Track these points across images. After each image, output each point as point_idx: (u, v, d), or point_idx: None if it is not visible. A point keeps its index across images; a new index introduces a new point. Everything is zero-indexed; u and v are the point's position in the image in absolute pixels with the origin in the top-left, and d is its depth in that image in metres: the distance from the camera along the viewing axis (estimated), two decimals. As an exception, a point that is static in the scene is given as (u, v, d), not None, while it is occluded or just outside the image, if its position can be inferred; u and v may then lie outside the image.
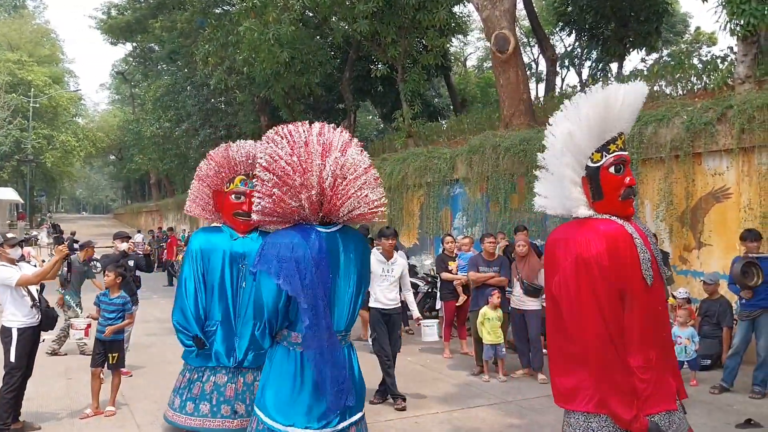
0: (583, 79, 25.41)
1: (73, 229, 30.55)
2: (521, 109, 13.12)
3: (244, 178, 4.65)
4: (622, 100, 3.23)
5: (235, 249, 4.60)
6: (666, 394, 3.13)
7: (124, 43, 39.00)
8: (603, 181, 3.24)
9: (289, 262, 3.04)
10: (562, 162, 3.28)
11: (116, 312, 6.03)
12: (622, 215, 3.26)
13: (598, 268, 3.05)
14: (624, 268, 3.09)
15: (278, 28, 16.12)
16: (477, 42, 38.66)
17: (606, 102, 3.21)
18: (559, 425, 5.71)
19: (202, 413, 4.41)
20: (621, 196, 3.24)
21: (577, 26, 21.16)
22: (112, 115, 62.11)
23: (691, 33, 29.02)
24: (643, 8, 18.55)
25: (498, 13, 13.19)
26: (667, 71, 12.82)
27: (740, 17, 9.03)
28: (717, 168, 8.49)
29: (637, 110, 3.38)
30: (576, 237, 3.17)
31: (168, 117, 31.15)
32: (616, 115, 3.24)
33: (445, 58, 20.84)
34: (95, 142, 50.01)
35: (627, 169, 3.27)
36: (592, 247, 3.09)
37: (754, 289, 6.32)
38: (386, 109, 23.93)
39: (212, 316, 4.58)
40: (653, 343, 3.15)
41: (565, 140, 3.27)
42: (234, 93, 24.01)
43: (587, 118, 3.22)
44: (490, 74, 27.61)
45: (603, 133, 3.25)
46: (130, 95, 52.79)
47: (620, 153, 3.26)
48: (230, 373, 4.48)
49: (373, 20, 15.87)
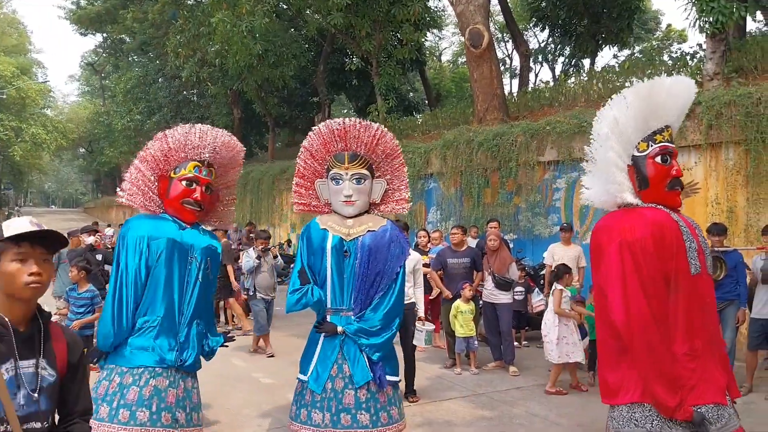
0: (555, 74, 25.62)
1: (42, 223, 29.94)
2: (495, 104, 13.19)
3: (198, 164, 4.22)
4: (667, 91, 3.29)
5: (184, 240, 4.14)
6: (714, 386, 3.08)
7: (94, 33, 38.32)
8: (649, 171, 3.30)
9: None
10: (607, 146, 3.35)
11: (85, 306, 5.95)
12: (668, 205, 3.30)
13: (642, 252, 3.08)
14: (669, 254, 3.11)
15: (251, 19, 16.00)
16: (452, 37, 38.87)
17: (651, 91, 3.27)
18: (528, 418, 5.78)
19: (139, 422, 3.84)
20: (667, 186, 3.29)
21: (551, 22, 21.33)
22: (82, 107, 61.01)
23: (662, 30, 29.43)
24: (616, 5, 18.76)
25: (472, 8, 13.23)
26: (638, 67, 13.01)
27: (709, 15, 9.18)
28: (685, 163, 8.63)
29: (685, 105, 3.44)
30: (620, 223, 3.20)
31: (139, 109, 30.73)
32: (662, 105, 3.30)
33: (419, 52, 20.87)
34: (65, 134, 49.13)
35: (674, 161, 3.31)
36: (637, 232, 3.11)
37: (718, 282, 6.44)
38: (361, 103, 23.89)
39: (154, 310, 4.08)
40: (699, 332, 3.13)
41: (611, 126, 3.33)
42: (206, 85, 23.76)
43: (632, 107, 3.29)
44: (464, 69, 27.68)
45: (648, 122, 3.31)
46: (100, 87, 51.96)
47: (666, 144, 3.31)
48: (171, 376, 3.99)
49: (347, 13, 15.81)
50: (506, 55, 32.93)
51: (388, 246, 4.76)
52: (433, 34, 30.99)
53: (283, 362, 7.88)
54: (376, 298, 4.70)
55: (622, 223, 3.20)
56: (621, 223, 3.21)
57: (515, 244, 10.72)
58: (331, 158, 4.85)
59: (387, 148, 4.88)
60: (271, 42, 17.88)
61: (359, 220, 4.87)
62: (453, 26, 34.17)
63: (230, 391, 6.61)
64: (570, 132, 10.10)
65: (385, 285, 4.71)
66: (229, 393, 6.53)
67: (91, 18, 34.17)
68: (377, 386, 4.51)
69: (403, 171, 4.98)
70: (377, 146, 4.84)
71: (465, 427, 5.56)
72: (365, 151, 4.86)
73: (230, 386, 6.78)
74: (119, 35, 36.45)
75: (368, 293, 4.70)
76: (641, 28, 26.33)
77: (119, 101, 34.28)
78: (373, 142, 4.85)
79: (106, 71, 46.16)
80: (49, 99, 54.65)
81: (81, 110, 59.69)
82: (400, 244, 4.77)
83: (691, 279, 3.13)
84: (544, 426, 5.59)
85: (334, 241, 4.79)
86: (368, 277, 4.72)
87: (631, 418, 3.07)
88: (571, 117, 10.44)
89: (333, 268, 4.71)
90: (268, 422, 5.65)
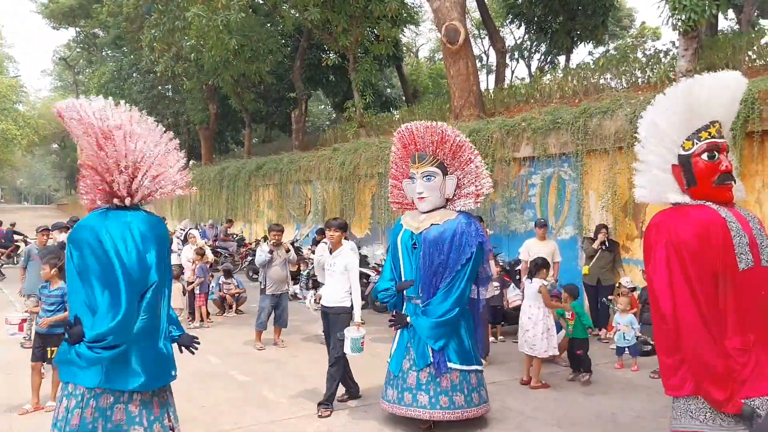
0: (531, 71, 25.78)
1: (14, 219, 29.43)
2: (471, 101, 13.23)
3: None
4: (708, 89, 3.30)
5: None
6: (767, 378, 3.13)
7: (67, 28, 37.69)
8: (695, 168, 3.32)
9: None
10: (647, 149, 3.45)
11: (56, 304, 5.84)
12: (718, 201, 3.32)
13: (688, 252, 3.13)
14: (715, 253, 3.13)
15: (227, 14, 15.86)
16: (429, 33, 38.91)
17: (689, 91, 3.30)
18: (504, 412, 5.82)
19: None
20: (715, 181, 3.31)
21: (527, 19, 21.47)
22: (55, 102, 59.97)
23: (636, 27, 29.74)
24: (590, 2, 18.94)
25: (448, 5, 13.25)
26: (612, 64, 13.14)
27: (681, 12, 9.31)
28: (658, 159, 8.72)
29: (734, 99, 3.45)
30: (667, 222, 3.26)
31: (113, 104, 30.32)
32: (703, 103, 3.31)
33: (396, 48, 20.86)
34: (37, 130, 48.24)
35: (722, 156, 3.32)
36: (682, 232, 3.17)
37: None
38: (338, 99, 23.84)
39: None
40: (753, 326, 3.17)
41: (648, 129, 3.44)
42: (181, 80, 23.50)
43: (671, 108, 3.34)
44: (441, 65, 27.72)
45: (691, 121, 3.33)
46: (73, 82, 51.12)
47: (713, 140, 3.32)
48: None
49: (324, 9, 15.75)
50: (483, 51, 33.07)
51: (452, 239, 5.23)
52: (410, 30, 30.99)
53: (257, 359, 7.85)
54: (441, 288, 5.23)
55: (669, 222, 3.27)
56: (668, 222, 3.27)
57: (491, 239, 10.77)
58: (409, 160, 5.53)
59: (453, 145, 5.39)
60: (247, 37, 17.74)
61: (430, 215, 5.43)
62: (430, 22, 34.20)
63: (206, 388, 6.56)
64: (545, 128, 10.17)
65: (449, 276, 5.22)
66: (205, 390, 6.48)
67: (63, 12, 33.63)
68: (436, 371, 5.10)
69: (470, 166, 5.42)
70: (443, 144, 5.38)
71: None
72: (433, 150, 5.40)
73: (206, 383, 6.73)
74: (93, 29, 35.90)
75: (432, 282, 5.27)
76: (616, 26, 26.61)
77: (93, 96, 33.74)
78: (438, 140, 5.39)
79: (80, 66, 45.45)
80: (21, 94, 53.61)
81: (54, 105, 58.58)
82: (466, 237, 5.21)
83: (740, 274, 3.16)
84: (520, 420, 5.63)
85: (405, 235, 5.50)
86: (431, 267, 5.25)
87: (687, 409, 3.22)
88: (546, 113, 10.52)
89: (405, 260, 5.41)
90: (244, 419, 5.62)
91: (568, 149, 9.82)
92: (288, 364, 7.72)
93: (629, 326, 7.27)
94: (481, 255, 5.36)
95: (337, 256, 6.02)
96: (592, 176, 9.59)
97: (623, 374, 7.18)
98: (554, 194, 10.24)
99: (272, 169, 18.71)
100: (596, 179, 9.53)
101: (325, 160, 15.83)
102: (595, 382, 6.74)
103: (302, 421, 5.62)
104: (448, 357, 5.15)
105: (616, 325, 7.39)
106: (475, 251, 5.21)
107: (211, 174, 22.90)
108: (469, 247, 5.19)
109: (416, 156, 5.46)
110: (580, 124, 9.57)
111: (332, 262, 6.03)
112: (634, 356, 7.38)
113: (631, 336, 7.27)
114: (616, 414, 5.77)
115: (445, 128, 5.39)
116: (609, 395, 6.33)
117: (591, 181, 9.61)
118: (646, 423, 5.54)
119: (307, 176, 16.91)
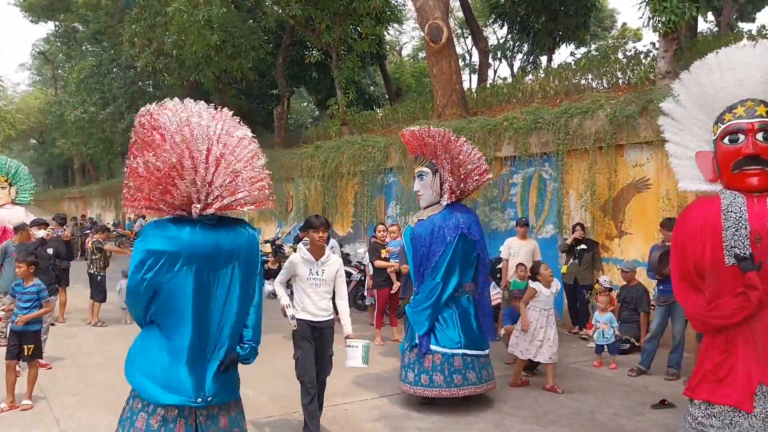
0: (514, 71, 25.89)
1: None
2: (454, 100, 13.26)
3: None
4: (719, 68, 3.05)
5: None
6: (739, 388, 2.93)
7: (46, 21, 37.18)
8: (718, 153, 3.09)
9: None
10: (668, 140, 3.33)
11: (31, 301, 5.77)
12: (739, 188, 3.04)
13: (682, 248, 3.06)
14: (697, 247, 2.98)
15: (209, 9, 15.73)
16: (412, 31, 38.90)
17: (696, 77, 3.12)
18: (483, 409, 5.85)
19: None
20: (732, 167, 3.04)
21: (509, 19, 21.53)
22: (33, 97, 59.07)
23: (617, 28, 29.97)
24: (572, 3, 19.05)
25: (432, 3, 13.26)
26: (593, 65, 13.23)
27: (662, 14, 9.39)
28: (638, 159, 8.82)
29: (762, 67, 3.06)
30: (679, 217, 3.20)
31: (93, 100, 29.90)
32: (717, 84, 3.06)
33: (380, 46, 20.83)
34: (14, 125, 47.53)
35: (749, 138, 3.00)
36: (681, 228, 3.08)
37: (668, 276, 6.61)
38: (321, 96, 23.73)
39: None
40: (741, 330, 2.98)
41: (664, 120, 3.33)
42: (162, 76, 23.25)
43: (681, 97, 3.20)
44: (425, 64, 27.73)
45: (709, 104, 3.10)
46: (52, 77, 50.43)
47: (737, 121, 3.05)
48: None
49: (306, 5, 15.67)
50: (466, 51, 33.14)
51: (431, 232, 5.80)
52: (393, 28, 30.98)
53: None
54: (426, 278, 5.82)
55: (680, 216, 3.22)
56: (680, 216, 3.22)
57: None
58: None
59: (432, 145, 5.90)
60: (230, 33, 17.59)
61: (425, 210, 6.03)
62: (413, 21, 34.19)
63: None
64: (527, 128, 10.22)
65: (430, 265, 5.79)
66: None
67: (42, 6, 33.15)
68: (418, 351, 5.69)
69: (447, 166, 5.89)
70: (425, 146, 5.94)
71: (422, 420, 5.59)
72: (422, 151, 6.00)
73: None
74: (72, 24, 35.45)
75: (419, 272, 5.90)
76: (597, 26, 26.77)
77: (72, 91, 33.32)
78: (423, 141, 5.94)
79: (59, 60, 44.80)
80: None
81: (32, 100, 57.77)
82: (444, 229, 5.74)
83: (727, 270, 2.97)
84: (499, 417, 5.66)
85: (406, 231, 6.16)
86: (416, 259, 5.89)
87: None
88: (527, 113, 10.56)
89: (408, 254, 6.00)
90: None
91: (549, 149, 9.88)
92: (269, 362, 7.68)
93: (608, 324, 7.33)
94: (470, 245, 5.86)
95: (326, 263, 5.06)
96: (572, 176, 9.66)
97: (602, 372, 7.24)
98: (535, 193, 10.30)
99: (254, 167, 18.57)
100: (576, 179, 9.60)
101: (308, 157, 15.78)
102: (574, 380, 6.79)
103: (282, 419, 5.60)
104: (430, 340, 5.71)
105: (596, 323, 7.46)
106: (453, 241, 5.74)
107: (192, 171, 22.67)
108: (444, 239, 5.73)
109: (415, 158, 6.16)
110: (561, 124, 9.63)
111: (320, 269, 5.03)
112: (612, 354, 7.44)
113: (610, 334, 7.33)
114: (595, 411, 5.82)
115: (428, 132, 5.95)
116: (587, 393, 6.38)
117: (571, 181, 9.67)
118: (624, 421, 5.59)
119: (289, 174, 16.84)
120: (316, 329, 4.99)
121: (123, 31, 20.94)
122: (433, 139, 5.91)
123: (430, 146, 5.91)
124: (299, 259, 5.04)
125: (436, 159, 5.91)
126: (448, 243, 5.70)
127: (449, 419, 5.58)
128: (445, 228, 5.74)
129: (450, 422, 5.52)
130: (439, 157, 5.90)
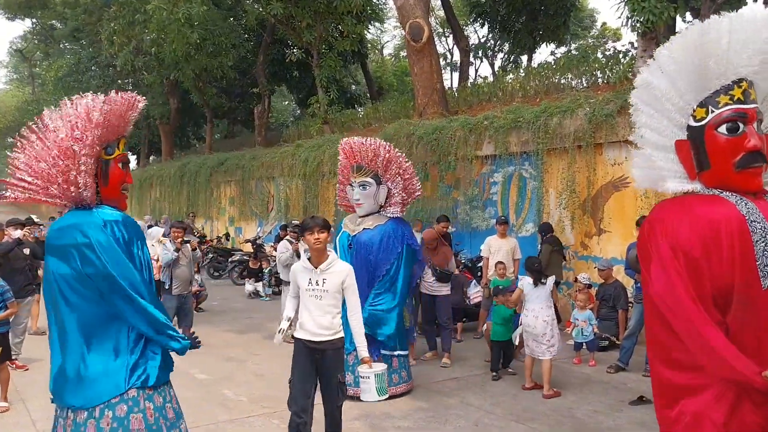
0: (495, 70, 26.01)
1: (-34, 215, 28.61)
2: (435, 99, 13.28)
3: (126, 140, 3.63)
4: (728, 32, 2.39)
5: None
6: None
7: (23, 18, 36.62)
8: (709, 145, 2.45)
9: None
10: (639, 121, 2.62)
11: (-3, 302, 5.67)
12: (741, 190, 2.46)
13: (686, 260, 2.36)
14: (724, 263, 2.34)
15: (189, 7, 15.64)
16: (394, 30, 38.83)
17: (701, 38, 2.42)
18: (464, 407, 5.86)
19: None
20: (736, 164, 2.44)
21: (490, 18, 21.65)
22: (10, 95, 58.26)
23: (597, 28, 30.22)
24: (553, 3, 19.19)
25: (412, 2, 13.27)
26: (573, 64, 13.32)
27: (640, 14, 9.48)
28: (616, 158, 8.89)
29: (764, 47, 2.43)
30: (666, 219, 2.46)
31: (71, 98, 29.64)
32: (722, 54, 2.41)
33: (361, 45, 20.83)
34: (-9, 124, 46.91)
35: (750, 129, 2.43)
36: (682, 233, 2.39)
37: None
38: (302, 95, 23.69)
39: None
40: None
41: (641, 94, 2.58)
42: (142, 74, 23.08)
43: (675, 62, 2.47)
44: (406, 63, 27.80)
45: (705, 80, 2.47)
46: (29, 75, 49.71)
47: (737, 106, 2.44)
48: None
49: (287, 3, 15.63)
50: (447, 50, 33.21)
51: (380, 242, 6.07)
52: (374, 27, 30.98)
53: (217, 358, 7.76)
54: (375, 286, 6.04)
55: (668, 218, 2.47)
56: (667, 218, 2.48)
57: (454, 236, 10.83)
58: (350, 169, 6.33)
59: (384, 160, 6.17)
60: (210, 31, 17.50)
61: (365, 219, 6.24)
62: (395, 20, 34.21)
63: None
64: (507, 127, 10.26)
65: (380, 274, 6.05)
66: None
67: (19, 2, 32.62)
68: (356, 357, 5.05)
69: (397, 179, 6.26)
70: (376, 159, 6.17)
71: (402, 419, 5.59)
72: (368, 163, 6.21)
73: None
74: (50, 21, 34.97)
75: (367, 281, 5.96)
76: (577, 26, 26.97)
77: (50, 90, 32.92)
78: (372, 156, 6.18)
79: (36, 58, 44.18)
80: (-26, 86, 52.02)
81: (8, 98, 56.94)
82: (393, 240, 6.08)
83: (765, 294, 2.34)
84: (479, 415, 5.68)
85: (342, 237, 6.30)
86: (363, 267, 5.97)
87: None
88: (508, 112, 10.61)
89: (342, 258, 5.60)
90: (202, 418, 5.54)
91: (529, 148, 9.93)
92: (249, 362, 7.65)
93: (587, 322, 7.39)
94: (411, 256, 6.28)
95: (328, 271, 4.25)
96: (552, 174, 9.72)
97: (581, 369, 7.29)
98: (515, 192, 10.35)
99: (234, 165, 18.51)
100: (556, 177, 9.66)
101: (288, 156, 15.72)
102: (552, 377, 6.82)
103: (261, 419, 5.57)
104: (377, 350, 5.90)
105: (574, 320, 7.51)
106: (403, 252, 6.14)
107: (171, 170, 22.55)
108: (395, 249, 6.10)
109: (355, 167, 6.30)
110: (541, 123, 9.68)
111: (320, 278, 4.24)
112: (591, 351, 7.50)
113: (589, 332, 7.39)
114: (573, 409, 5.86)
115: (378, 145, 6.23)
116: (566, 390, 6.42)
117: (551, 179, 9.74)
118: (602, 417, 5.64)
119: (269, 173, 16.77)
120: (317, 351, 4.20)
121: (101, 29, 20.77)
122: (388, 153, 6.25)
123: (383, 159, 6.21)
124: (299, 267, 4.38)
125: (386, 172, 6.24)
126: (398, 252, 6.13)
127: (429, 417, 5.59)
128: (394, 239, 6.13)
129: (430, 420, 5.52)
130: (389, 171, 6.25)
